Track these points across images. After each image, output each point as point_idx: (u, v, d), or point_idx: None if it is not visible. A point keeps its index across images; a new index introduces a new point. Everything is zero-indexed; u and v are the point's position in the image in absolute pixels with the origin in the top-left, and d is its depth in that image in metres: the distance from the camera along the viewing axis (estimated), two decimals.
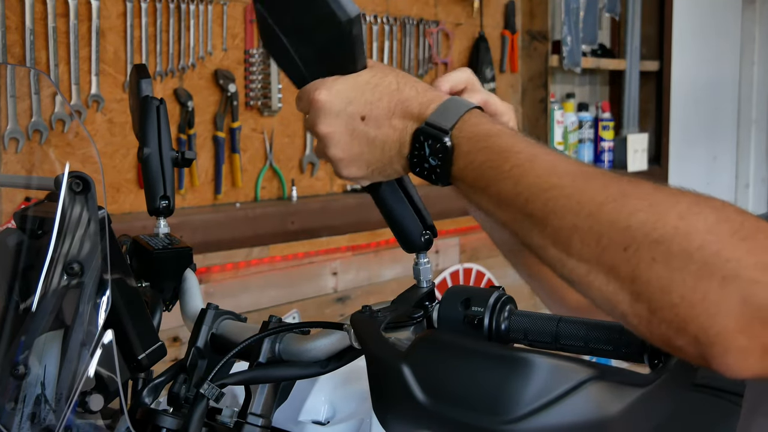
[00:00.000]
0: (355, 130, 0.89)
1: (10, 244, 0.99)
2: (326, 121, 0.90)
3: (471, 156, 0.83)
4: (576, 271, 0.75)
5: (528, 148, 0.81)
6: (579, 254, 0.74)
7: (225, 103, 2.59)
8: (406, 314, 0.92)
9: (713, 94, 4.68)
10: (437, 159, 0.85)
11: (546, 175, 0.78)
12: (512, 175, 0.80)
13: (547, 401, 0.73)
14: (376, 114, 0.89)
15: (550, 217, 0.76)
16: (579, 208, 0.74)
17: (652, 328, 0.71)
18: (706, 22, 4.56)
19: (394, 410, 0.81)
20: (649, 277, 0.69)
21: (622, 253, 0.71)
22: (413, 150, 0.87)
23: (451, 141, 0.84)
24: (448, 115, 0.85)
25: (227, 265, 2.55)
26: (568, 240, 0.74)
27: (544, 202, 0.77)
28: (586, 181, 0.76)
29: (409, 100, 0.88)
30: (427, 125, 0.85)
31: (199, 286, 1.20)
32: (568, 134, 3.69)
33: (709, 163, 4.70)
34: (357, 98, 0.89)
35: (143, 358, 1.01)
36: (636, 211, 0.71)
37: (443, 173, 0.85)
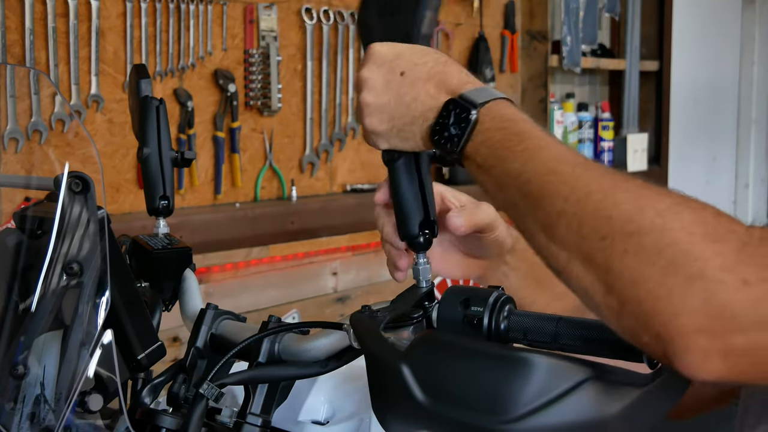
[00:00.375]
0: (391, 81, 0.91)
1: (10, 244, 0.99)
2: (369, 67, 0.93)
3: (490, 133, 0.85)
4: (558, 259, 0.76)
5: (544, 137, 0.83)
6: (562, 241, 0.75)
7: (225, 103, 2.59)
8: (406, 314, 0.92)
9: (713, 94, 4.68)
10: (458, 128, 0.86)
11: (550, 160, 0.79)
12: (521, 156, 0.81)
13: (546, 401, 0.73)
14: (416, 74, 0.91)
15: (543, 201, 0.77)
16: (569, 194, 0.75)
17: (621, 321, 0.71)
18: (706, 22, 4.56)
19: (394, 410, 0.81)
20: (621, 268, 0.70)
21: (599, 242, 0.71)
22: (438, 118, 0.88)
23: (476, 115, 0.86)
24: (482, 94, 0.87)
25: (227, 265, 2.55)
26: (554, 225, 0.75)
27: (541, 185, 0.78)
28: (584, 170, 0.77)
29: (451, 74, 0.91)
30: (461, 97, 0.88)
31: (199, 286, 1.20)
32: (567, 134, 3.69)
33: (708, 163, 4.70)
34: (405, 56, 0.92)
35: (143, 358, 1.01)
36: (620, 203, 0.72)
37: (459, 143, 0.86)
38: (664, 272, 0.67)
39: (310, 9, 2.77)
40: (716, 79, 4.71)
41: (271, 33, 2.67)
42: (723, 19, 4.75)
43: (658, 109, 4.21)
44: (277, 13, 2.69)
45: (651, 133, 4.17)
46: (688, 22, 4.36)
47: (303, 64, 2.79)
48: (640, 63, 4.09)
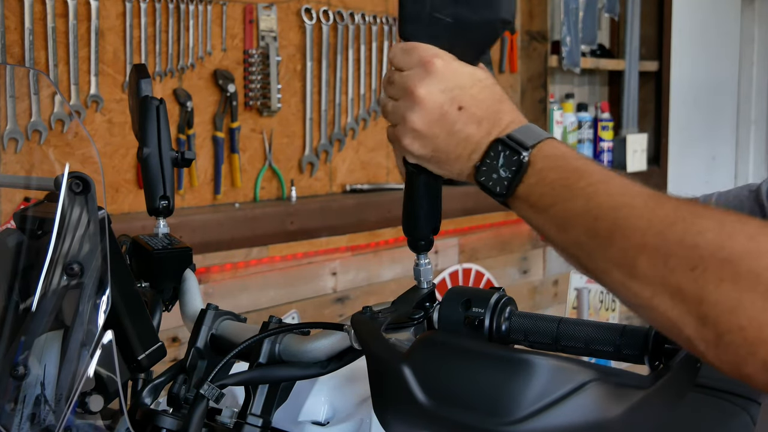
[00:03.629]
0: (447, 113, 0.88)
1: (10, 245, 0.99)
2: (430, 88, 0.88)
3: (544, 173, 0.83)
4: (640, 295, 0.73)
5: (602, 171, 0.81)
6: (644, 276, 0.72)
7: (224, 103, 2.58)
8: (407, 315, 0.92)
9: (712, 94, 4.68)
10: (509, 171, 0.84)
11: (618, 195, 0.77)
12: (585, 193, 0.79)
13: (547, 403, 0.73)
14: (474, 111, 0.88)
15: (617, 237, 0.75)
16: (648, 227, 0.73)
17: (719, 353, 0.69)
18: (705, 22, 4.56)
19: (395, 411, 0.81)
20: (716, 298, 0.67)
21: (689, 273, 0.69)
22: (485, 158, 0.86)
23: (528, 157, 0.84)
24: (530, 134, 0.86)
25: (226, 265, 2.55)
26: (633, 261, 0.73)
27: (613, 220, 0.76)
28: (657, 202, 0.75)
29: (504, 112, 0.88)
30: (509, 137, 0.85)
31: (199, 287, 1.20)
32: (567, 134, 3.69)
33: (708, 163, 4.70)
34: (467, 87, 0.88)
35: (143, 358, 1.01)
36: (705, 230, 0.70)
37: (509, 186, 0.84)
38: (765, 298, 0.65)
39: (309, 9, 2.77)
40: (715, 79, 4.71)
41: (271, 33, 2.67)
42: (722, 20, 4.75)
43: (657, 109, 4.21)
44: (277, 14, 2.69)
45: (650, 133, 4.17)
46: (688, 23, 4.36)
47: (302, 65, 2.78)
48: (639, 63, 4.09)
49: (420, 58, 0.89)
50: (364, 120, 2.95)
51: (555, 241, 0.82)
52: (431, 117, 0.88)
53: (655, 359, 0.84)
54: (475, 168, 0.87)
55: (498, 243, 3.42)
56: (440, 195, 0.97)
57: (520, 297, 3.11)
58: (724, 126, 4.84)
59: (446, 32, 0.89)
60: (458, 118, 0.87)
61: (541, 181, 0.83)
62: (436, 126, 0.88)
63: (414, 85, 0.88)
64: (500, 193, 0.85)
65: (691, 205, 0.74)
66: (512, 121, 0.88)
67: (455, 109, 0.87)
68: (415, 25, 0.90)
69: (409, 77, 0.89)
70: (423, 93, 0.88)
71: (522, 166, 0.84)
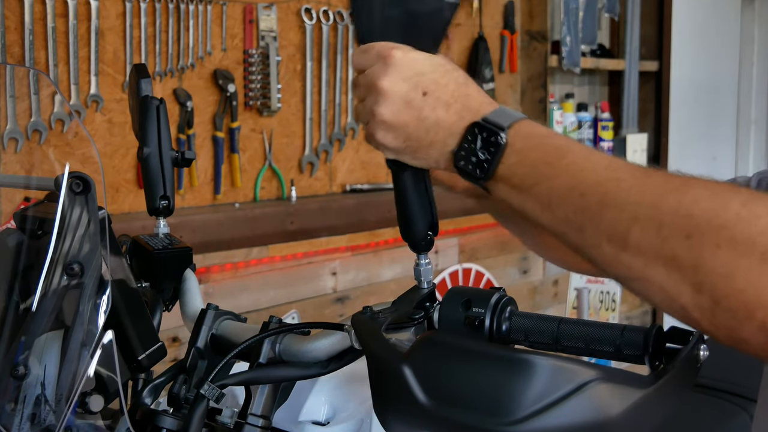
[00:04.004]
0: (412, 101, 0.88)
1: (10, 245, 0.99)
2: (392, 79, 0.88)
3: (524, 153, 0.83)
4: (633, 266, 0.73)
5: (583, 148, 0.82)
6: (637, 247, 0.72)
7: (224, 103, 2.59)
8: (407, 315, 0.92)
9: (712, 94, 4.68)
10: (487, 153, 0.84)
11: (604, 169, 0.78)
12: (568, 170, 0.79)
13: (548, 403, 0.72)
14: (439, 95, 0.88)
15: (607, 210, 0.75)
16: (639, 199, 0.73)
17: (715, 319, 0.69)
18: (705, 22, 4.56)
19: (395, 411, 0.81)
20: (712, 264, 0.68)
21: (684, 241, 0.69)
22: (462, 143, 0.86)
23: (506, 138, 0.84)
24: (505, 116, 0.86)
25: (226, 265, 2.55)
26: (625, 233, 0.73)
27: (601, 195, 0.76)
28: (645, 174, 0.76)
29: (472, 96, 0.89)
30: (484, 120, 0.86)
31: (199, 287, 1.20)
32: (567, 134, 3.68)
33: (708, 163, 4.69)
34: (427, 73, 0.88)
35: (143, 358, 1.01)
36: (698, 199, 0.70)
37: (489, 168, 0.84)
38: (762, 260, 0.66)
39: (309, 9, 2.77)
40: (716, 79, 4.71)
41: (271, 33, 2.67)
42: (722, 20, 4.75)
43: (657, 109, 4.21)
44: (277, 13, 2.69)
45: (650, 133, 4.17)
46: (688, 23, 4.36)
47: (302, 65, 2.78)
48: (639, 63, 4.09)
49: (378, 54, 0.90)
50: None
51: (540, 220, 0.82)
52: (397, 106, 0.88)
53: (655, 359, 0.84)
54: (453, 153, 0.87)
55: (498, 243, 3.42)
56: (430, 191, 0.96)
57: (520, 297, 3.11)
58: (724, 126, 4.84)
59: (399, 28, 0.91)
60: (424, 103, 0.88)
61: (523, 161, 0.83)
62: (404, 114, 0.88)
63: (376, 78, 0.89)
64: (480, 176, 0.85)
65: (678, 176, 0.75)
66: (483, 103, 0.88)
67: (420, 95, 0.88)
68: (370, 32, 0.92)
69: (371, 73, 0.90)
70: (386, 84, 0.88)
71: (500, 147, 0.84)
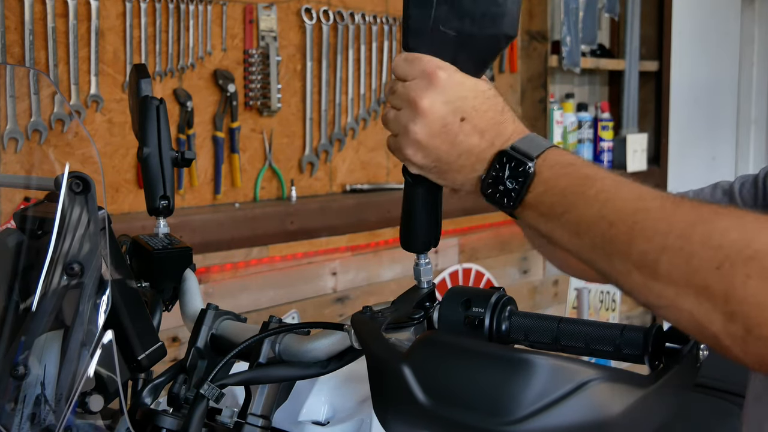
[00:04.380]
0: (449, 125, 0.88)
1: (10, 244, 0.99)
2: (433, 100, 0.88)
3: (552, 182, 0.84)
4: (663, 295, 0.74)
5: (612, 176, 0.83)
6: (667, 276, 0.74)
7: (224, 103, 2.58)
8: (407, 315, 0.92)
9: (712, 94, 4.68)
10: (516, 182, 0.85)
11: (633, 199, 0.79)
12: (597, 199, 0.80)
13: (548, 402, 0.72)
14: (476, 122, 0.88)
15: (637, 240, 0.76)
16: (669, 230, 0.74)
17: (747, 347, 0.70)
18: (705, 22, 4.56)
19: (395, 411, 0.81)
20: (744, 294, 0.69)
21: (715, 272, 0.71)
22: (490, 170, 0.87)
23: (534, 167, 0.85)
24: (534, 144, 0.87)
25: (226, 265, 2.55)
26: (654, 262, 0.74)
27: (630, 225, 0.77)
28: (674, 205, 0.77)
29: (506, 123, 0.89)
30: (512, 149, 0.86)
31: (199, 287, 1.20)
32: (567, 134, 3.69)
33: (708, 163, 4.70)
34: (469, 99, 0.89)
35: (143, 358, 1.01)
36: (728, 230, 0.72)
37: (517, 197, 0.86)
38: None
39: (309, 9, 2.77)
40: (716, 79, 4.71)
41: (271, 33, 2.67)
42: (722, 20, 4.75)
43: (657, 109, 4.21)
44: (277, 14, 2.69)
45: (650, 133, 4.17)
46: (688, 23, 4.36)
47: (302, 65, 2.78)
48: (639, 63, 4.09)
49: (423, 69, 0.89)
50: (364, 120, 2.95)
51: (568, 246, 0.83)
52: (433, 128, 0.88)
53: (655, 359, 0.84)
54: (480, 180, 0.88)
55: (498, 243, 3.42)
56: (440, 207, 0.96)
57: (520, 297, 3.11)
58: (724, 126, 4.84)
59: (450, 45, 0.89)
60: (460, 129, 0.88)
61: (551, 189, 0.84)
62: (438, 137, 0.88)
63: (417, 96, 0.89)
64: (508, 205, 0.86)
65: (707, 205, 0.76)
66: (515, 131, 0.89)
67: (457, 121, 0.88)
68: (419, 38, 0.91)
69: (412, 88, 0.89)
70: (426, 104, 0.88)
71: (528, 177, 0.85)
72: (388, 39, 2.99)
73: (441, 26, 0.89)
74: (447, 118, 0.88)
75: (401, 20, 0.92)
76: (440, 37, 0.89)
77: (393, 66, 0.93)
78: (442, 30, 0.89)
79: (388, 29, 2.99)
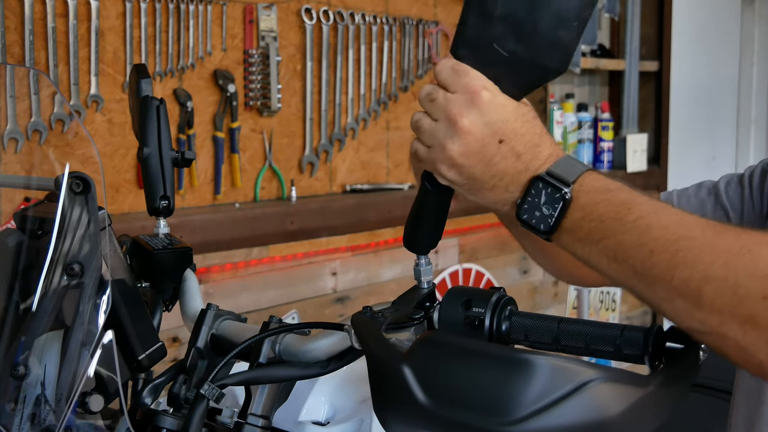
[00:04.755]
0: (487, 146, 0.87)
1: (10, 245, 0.99)
2: (474, 119, 0.87)
3: (589, 208, 0.84)
4: (707, 322, 0.75)
5: (650, 201, 0.82)
6: (711, 305, 0.74)
7: (224, 103, 2.58)
8: (407, 315, 0.92)
9: (712, 94, 4.68)
10: (551, 208, 0.85)
11: (674, 226, 0.79)
12: (637, 226, 0.80)
13: (548, 402, 0.72)
14: (514, 145, 0.88)
15: (680, 269, 0.76)
16: (713, 258, 0.74)
17: None
18: (705, 22, 4.56)
19: (395, 411, 0.81)
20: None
21: (761, 302, 0.71)
22: (526, 196, 0.87)
23: (570, 193, 0.85)
24: (570, 169, 0.86)
25: (226, 265, 2.55)
26: (698, 291, 0.74)
27: (672, 253, 0.77)
28: (716, 233, 0.77)
29: (543, 146, 0.89)
30: (548, 174, 0.86)
31: (199, 287, 1.20)
32: (567, 134, 3.69)
33: (708, 163, 4.69)
34: (510, 121, 0.88)
35: (143, 358, 1.01)
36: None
37: (554, 223, 0.85)
38: None
39: (309, 9, 2.77)
40: (716, 79, 4.71)
41: (271, 33, 2.67)
42: (722, 20, 4.75)
43: (657, 109, 4.21)
44: (277, 14, 2.69)
45: (650, 133, 4.17)
46: (688, 23, 4.36)
47: (303, 65, 2.78)
48: (639, 63, 4.09)
49: (467, 85, 0.88)
50: (364, 120, 2.95)
51: (607, 272, 0.83)
52: (470, 148, 0.87)
53: (655, 359, 0.84)
54: (516, 206, 0.88)
55: (498, 243, 3.42)
56: (447, 215, 0.96)
57: (520, 297, 3.11)
58: (724, 126, 4.84)
59: (498, 65, 0.88)
60: (497, 151, 0.87)
61: (588, 215, 0.83)
62: (475, 157, 0.88)
63: (459, 113, 0.87)
64: (545, 230, 0.86)
65: (750, 233, 0.76)
66: (551, 155, 0.88)
67: (496, 142, 0.87)
68: (470, 49, 0.89)
69: (454, 103, 0.88)
70: (466, 123, 0.87)
71: (565, 203, 0.85)
72: (388, 39, 2.99)
73: (495, 43, 0.88)
74: (486, 139, 0.87)
75: (458, 23, 0.90)
76: (492, 54, 0.88)
77: (437, 70, 0.91)
78: (495, 47, 0.88)
79: (388, 29, 2.99)
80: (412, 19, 3.08)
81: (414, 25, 3.09)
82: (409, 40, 3.08)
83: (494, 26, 0.87)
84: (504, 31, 0.87)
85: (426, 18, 3.14)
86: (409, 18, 3.07)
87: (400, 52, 3.07)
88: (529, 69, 0.88)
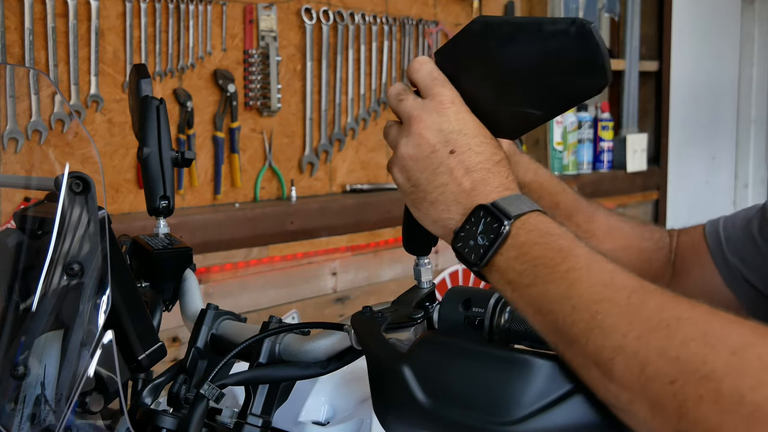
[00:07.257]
0: (437, 152, 0.85)
1: (10, 245, 0.99)
2: (431, 124, 0.86)
3: (525, 248, 0.78)
4: (619, 398, 0.68)
5: (588, 254, 0.76)
6: (621, 380, 0.67)
7: (224, 103, 2.59)
8: (407, 315, 0.92)
9: (712, 94, 4.68)
10: (487, 239, 0.80)
11: (601, 285, 0.72)
12: (566, 278, 0.74)
13: (547, 403, 0.72)
14: (464, 159, 0.84)
15: (594, 333, 0.70)
16: (628, 329, 0.68)
17: None
18: (705, 22, 4.56)
19: (395, 411, 0.81)
20: (696, 416, 0.62)
21: (668, 386, 0.64)
22: (465, 223, 0.82)
23: (509, 228, 0.79)
24: (518, 204, 0.81)
25: (226, 265, 2.55)
26: (610, 362, 0.68)
27: (591, 315, 0.71)
28: (641, 300, 0.70)
29: (497, 175, 0.84)
30: (493, 204, 0.81)
31: (199, 287, 1.20)
32: (567, 134, 3.69)
33: (708, 163, 4.70)
34: (468, 136, 0.85)
35: (143, 358, 1.01)
36: (689, 340, 0.65)
37: (485, 256, 0.80)
38: (749, 422, 0.60)
39: (309, 9, 2.77)
40: (716, 79, 4.71)
41: (271, 33, 2.67)
42: (722, 20, 4.75)
43: (657, 109, 4.21)
44: (277, 14, 2.69)
45: (650, 133, 4.17)
46: (688, 23, 4.36)
47: (302, 65, 2.78)
48: (639, 63, 4.09)
49: (438, 94, 0.87)
50: (364, 120, 2.96)
51: (532, 323, 0.78)
52: (420, 152, 0.86)
53: None
54: (453, 232, 0.84)
55: None
56: None
57: None
58: (724, 126, 4.84)
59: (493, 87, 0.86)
60: (446, 159, 0.85)
61: (522, 256, 0.78)
62: (423, 162, 0.86)
63: (418, 115, 0.86)
64: (475, 263, 0.81)
65: (676, 304, 0.69)
66: (500, 186, 0.84)
67: (447, 152, 0.85)
68: (457, 69, 0.88)
69: (416, 107, 0.87)
70: (422, 126, 0.86)
71: (500, 236, 0.79)
72: (388, 39, 2.99)
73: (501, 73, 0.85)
74: (437, 145, 0.85)
75: (457, 34, 0.88)
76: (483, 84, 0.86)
77: (414, 67, 0.90)
78: (494, 77, 0.85)
79: (388, 29, 2.99)
80: (412, 19, 3.08)
81: (414, 25, 3.09)
82: (409, 40, 3.08)
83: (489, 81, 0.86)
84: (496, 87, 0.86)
85: (426, 18, 3.14)
86: (409, 18, 3.07)
87: (400, 52, 3.07)
88: (519, 115, 0.86)
